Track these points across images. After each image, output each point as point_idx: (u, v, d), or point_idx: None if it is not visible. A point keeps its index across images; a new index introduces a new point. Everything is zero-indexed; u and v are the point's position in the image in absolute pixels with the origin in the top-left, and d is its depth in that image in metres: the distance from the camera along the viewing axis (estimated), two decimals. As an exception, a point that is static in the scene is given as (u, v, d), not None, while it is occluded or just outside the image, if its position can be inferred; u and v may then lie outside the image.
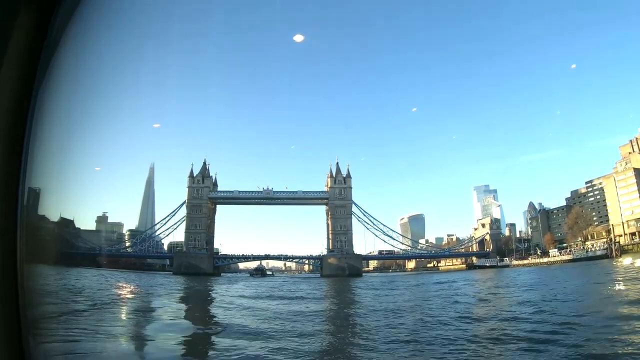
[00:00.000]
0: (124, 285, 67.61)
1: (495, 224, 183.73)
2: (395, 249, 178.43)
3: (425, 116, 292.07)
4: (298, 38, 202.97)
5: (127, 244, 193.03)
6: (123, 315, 30.81)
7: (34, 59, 2.46)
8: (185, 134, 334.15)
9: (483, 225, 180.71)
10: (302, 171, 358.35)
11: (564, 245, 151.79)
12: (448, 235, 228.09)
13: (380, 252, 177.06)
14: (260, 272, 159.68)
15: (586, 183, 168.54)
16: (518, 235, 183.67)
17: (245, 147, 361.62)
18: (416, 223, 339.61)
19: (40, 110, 2.58)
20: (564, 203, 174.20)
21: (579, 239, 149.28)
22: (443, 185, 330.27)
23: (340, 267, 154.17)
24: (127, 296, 48.07)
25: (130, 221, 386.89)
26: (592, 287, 41.65)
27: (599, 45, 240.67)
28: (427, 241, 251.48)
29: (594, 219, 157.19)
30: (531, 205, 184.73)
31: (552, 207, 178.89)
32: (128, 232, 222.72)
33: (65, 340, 15.49)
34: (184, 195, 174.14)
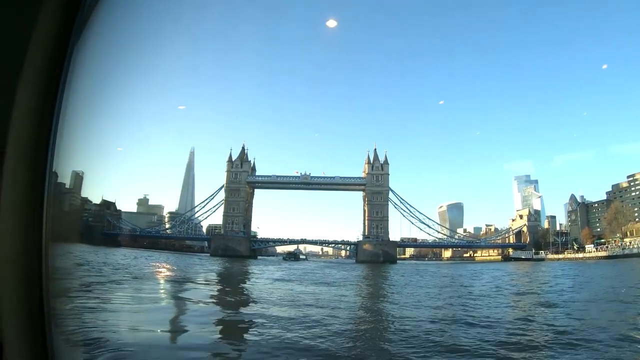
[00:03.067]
0: (163, 264, 74.55)
1: (533, 215, 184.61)
2: (431, 238, 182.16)
3: (462, 108, 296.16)
4: (331, 23, 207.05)
5: (167, 225, 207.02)
6: (158, 288, 36.46)
7: (65, 42, 2.51)
8: (225, 119, 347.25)
9: (521, 217, 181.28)
10: (339, 157, 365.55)
11: (602, 240, 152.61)
12: (487, 225, 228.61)
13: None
14: (293, 256, 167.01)
15: (628, 177, 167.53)
16: (558, 228, 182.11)
17: (283, 132, 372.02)
18: (455, 212, 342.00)
19: (73, 96, 2.69)
20: (605, 197, 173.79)
21: (618, 235, 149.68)
22: (483, 175, 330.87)
23: (375, 253, 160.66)
24: (165, 273, 54.69)
25: (170, 204, 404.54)
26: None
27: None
28: (465, 230, 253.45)
29: (635, 214, 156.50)
30: (572, 197, 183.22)
31: (593, 201, 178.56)
32: (168, 215, 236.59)
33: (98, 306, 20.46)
34: (223, 179, 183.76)
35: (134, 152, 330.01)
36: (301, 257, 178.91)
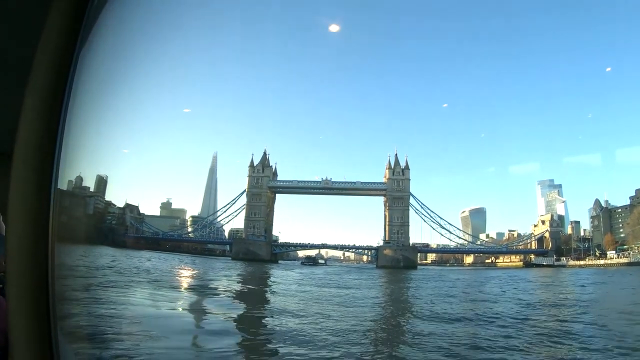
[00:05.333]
0: (184, 267, 78.47)
1: (555, 221, 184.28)
2: (452, 243, 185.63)
3: (481, 111, 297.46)
4: (334, 28, 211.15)
5: (189, 229, 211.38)
6: (175, 292, 37.25)
7: (72, 46, 2.45)
8: (247, 124, 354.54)
9: (543, 222, 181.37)
10: (360, 162, 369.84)
11: (625, 247, 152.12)
12: (509, 231, 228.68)
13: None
14: (311, 261, 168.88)
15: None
16: (582, 233, 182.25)
17: (304, 137, 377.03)
18: (477, 217, 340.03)
19: (83, 99, 2.66)
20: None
21: None
22: (506, 179, 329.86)
23: (395, 258, 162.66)
24: (186, 276, 58.06)
25: (193, 208, 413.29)
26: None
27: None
28: (487, 236, 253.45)
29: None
30: (597, 202, 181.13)
31: (617, 206, 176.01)
32: (190, 218, 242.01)
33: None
34: (245, 184, 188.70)
35: (158, 156, 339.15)
36: (320, 261, 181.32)
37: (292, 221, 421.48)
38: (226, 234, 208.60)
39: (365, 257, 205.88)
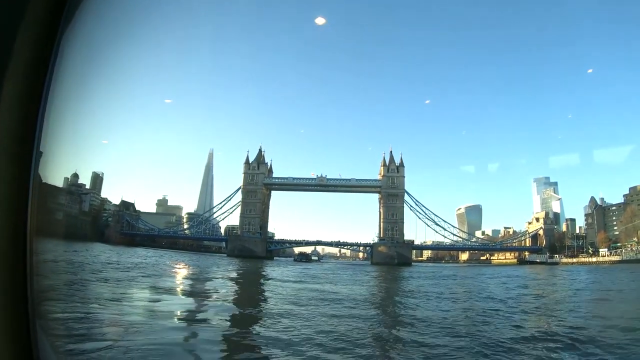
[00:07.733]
0: (179, 263, 77.68)
1: (550, 218, 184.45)
2: (447, 240, 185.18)
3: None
4: (320, 21, 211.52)
5: (185, 226, 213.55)
6: (168, 285, 37.26)
7: (52, 34, 2.40)
8: (244, 121, 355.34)
9: (537, 220, 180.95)
10: (356, 160, 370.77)
11: (618, 245, 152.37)
12: (505, 228, 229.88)
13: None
14: (304, 257, 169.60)
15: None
16: (578, 231, 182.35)
17: (300, 135, 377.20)
18: (473, 214, 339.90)
19: (65, 93, 2.61)
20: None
21: (634, 239, 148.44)
22: (503, 176, 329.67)
23: (389, 255, 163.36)
24: (178, 272, 57.52)
25: (189, 204, 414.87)
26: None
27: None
28: (483, 233, 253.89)
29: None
30: (592, 200, 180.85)
31: (612, 204, 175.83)
32: (187, 215, 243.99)
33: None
34: (240, 181, 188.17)
35: (155, 153, 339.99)
36: (314, 258, 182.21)
37: (287, 218, 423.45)
38: (222, 230, 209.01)
39: (361, 254, 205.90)
